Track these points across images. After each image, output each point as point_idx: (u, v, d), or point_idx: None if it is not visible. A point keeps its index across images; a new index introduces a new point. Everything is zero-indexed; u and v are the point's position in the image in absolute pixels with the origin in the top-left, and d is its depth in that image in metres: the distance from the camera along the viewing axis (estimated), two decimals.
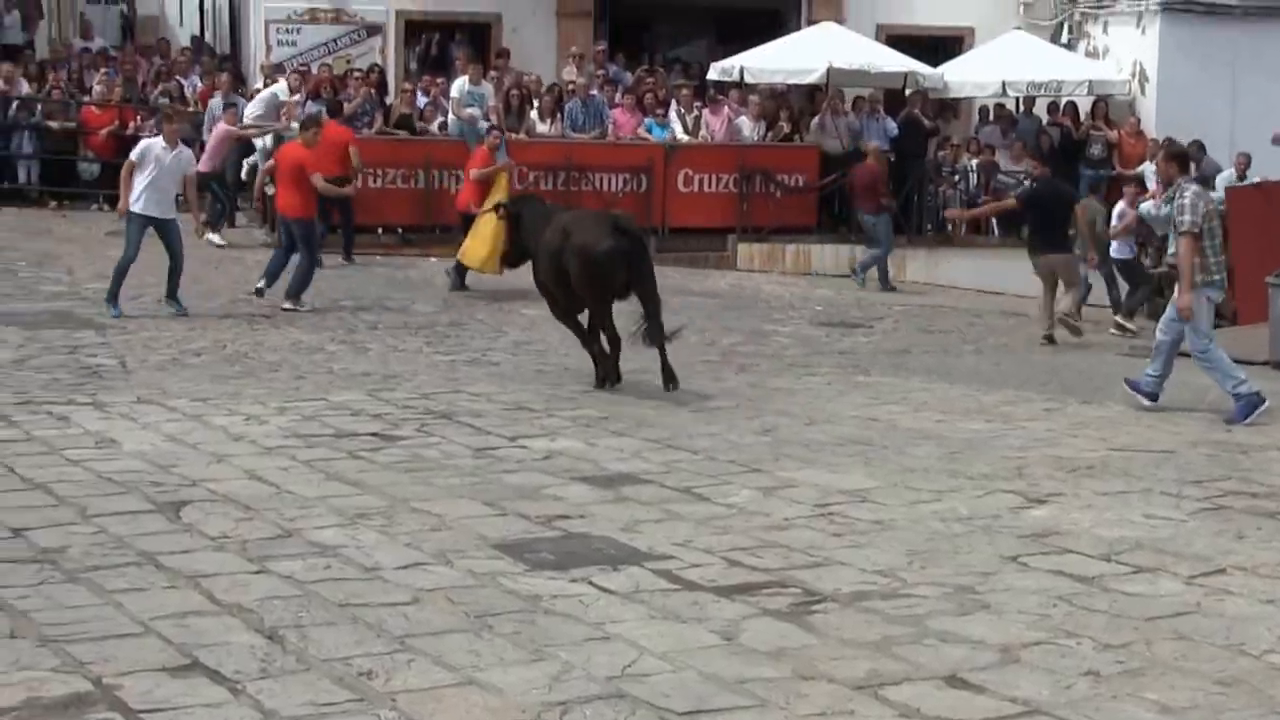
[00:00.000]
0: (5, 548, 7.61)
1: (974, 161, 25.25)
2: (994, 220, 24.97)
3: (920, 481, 9.70)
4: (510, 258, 14.39)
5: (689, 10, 29.75)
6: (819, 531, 8.39)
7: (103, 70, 25.70)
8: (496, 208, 15.00)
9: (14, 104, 24.27)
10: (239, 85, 24.79)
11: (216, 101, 23.40)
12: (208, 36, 35.68)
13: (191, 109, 24.85)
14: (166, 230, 16.02)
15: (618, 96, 24.63)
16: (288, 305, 16.69)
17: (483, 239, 17.63)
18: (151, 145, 16.14)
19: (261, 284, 16.95)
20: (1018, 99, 26.61)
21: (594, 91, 24.40)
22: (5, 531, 7.89)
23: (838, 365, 15.11)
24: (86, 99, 24.74)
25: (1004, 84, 25.58)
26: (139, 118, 24.54)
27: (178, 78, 25.85)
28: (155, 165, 15.80)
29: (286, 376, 12.90)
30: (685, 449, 10.50)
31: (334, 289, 18.12)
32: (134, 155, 16.09)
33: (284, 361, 13.61)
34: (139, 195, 15.81)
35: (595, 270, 12.44)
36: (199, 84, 25.57)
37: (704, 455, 10.32)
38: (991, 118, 26.84)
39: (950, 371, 15.07)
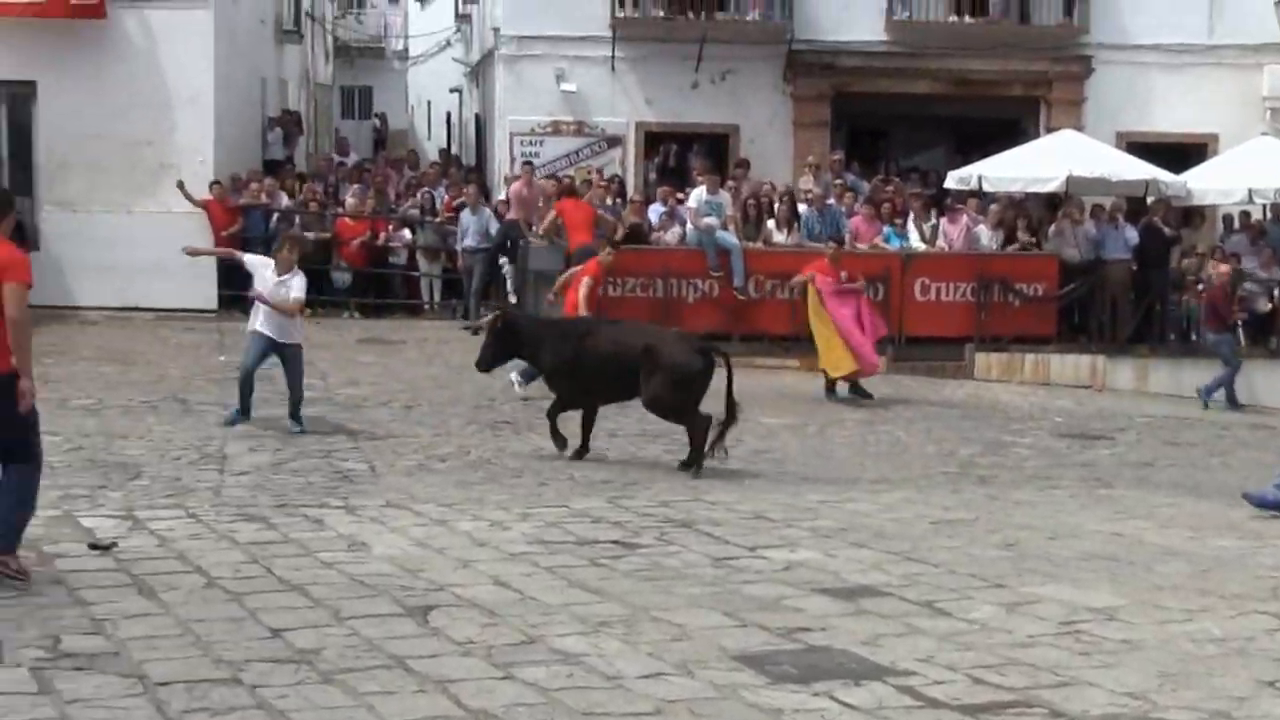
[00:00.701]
0: (265, 647, 7.89)
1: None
2: (1240, 330, 24.41)
3: (1170, 600, 9.50)
4: (486, 363, 15.09)
5: (926, 119, 29.80)
6: (1065, 650, 8.27)
7: (354, 185, 26.65)
8: (494, 320, 15.25)
9: (274, 216, 25.28)
10: (485, 196, 25.47)
11: (467, 215, 24.20)
12: (454, 149, 36.79)
13: (439, 219, 25.62)
14: (285, 356, 15.28)
15: (855, 205, 24.72)
16: (514, 376, 17.58)
17: (826, 346, 19.14)
18: (263, 269, 15.31)
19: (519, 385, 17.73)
20: (1264, 206, 26.05)
21: (830, 200, 24.52)
22: (265, 631, 8.17)
23: (1080, 478, 14.89)
24: (340, 210, 25.63)
25: (1250, 191, 25.04)
26: (390, 228, 25.37)
27: (426, 189, 26.64)
28: (260, 286, 15.19)
29: (529, 483, 13.14)
30: (925, 561, 10.43)
31: None
32: (248, 263, 15.56)
33: (526, 468, 13.86)
34: (258, 312, 15.29)
35: (690, 383, 14.13)
36: (445, 195, 26.33)
37: (944, 568, 10.24)
38: (1237, 225, 26.30)
39: (1198, 485, 14.75)
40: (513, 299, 23.03)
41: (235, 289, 24.73)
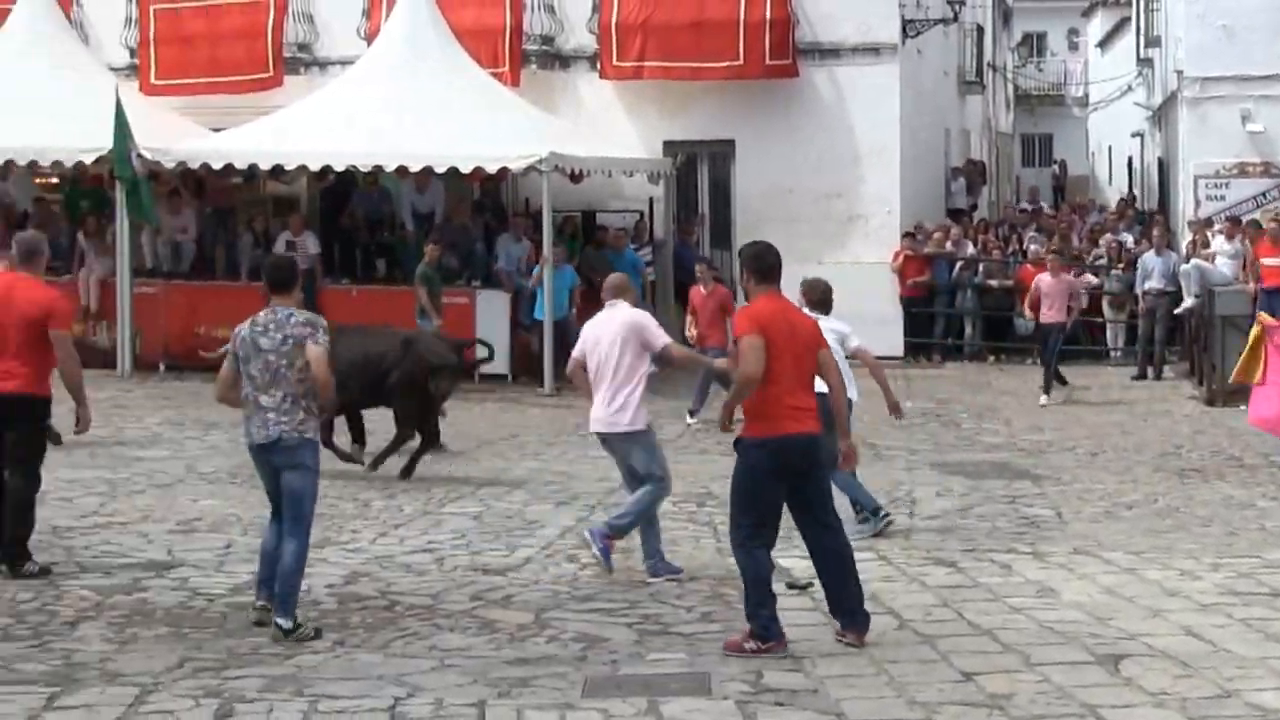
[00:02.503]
0: (958, 691, 8.17)
1: None
2: None
3: None
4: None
5: None
6: None
7: (1031, 230, 26.74)
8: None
9: (958, 265, 25.72)
10: (1168, 239, 25.03)
11: (1150, 257, 23.80)
12: (1136, 194, 36.25)
13: (1122, 266, 25.36)
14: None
15: None
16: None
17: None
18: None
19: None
20: None
21: None
22: (957, 675, 8.46)
23: None
24: (1023, 258, 25.77)
25: None
26: (1071, 274, 25.27)
27: (1109, 234, 26.42)
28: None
29: (1218, 532, 12.87)
30: None
31: (1266, 444, 17.79)
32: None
33: (1215, 516, 13.56)
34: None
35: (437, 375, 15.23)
36: (1130, 239, 26.05)
37: None
38: None
39: None
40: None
41: (919, 336, 25.43)
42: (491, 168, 22.19)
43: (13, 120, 22.77)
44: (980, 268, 25.82)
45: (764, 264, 9.30)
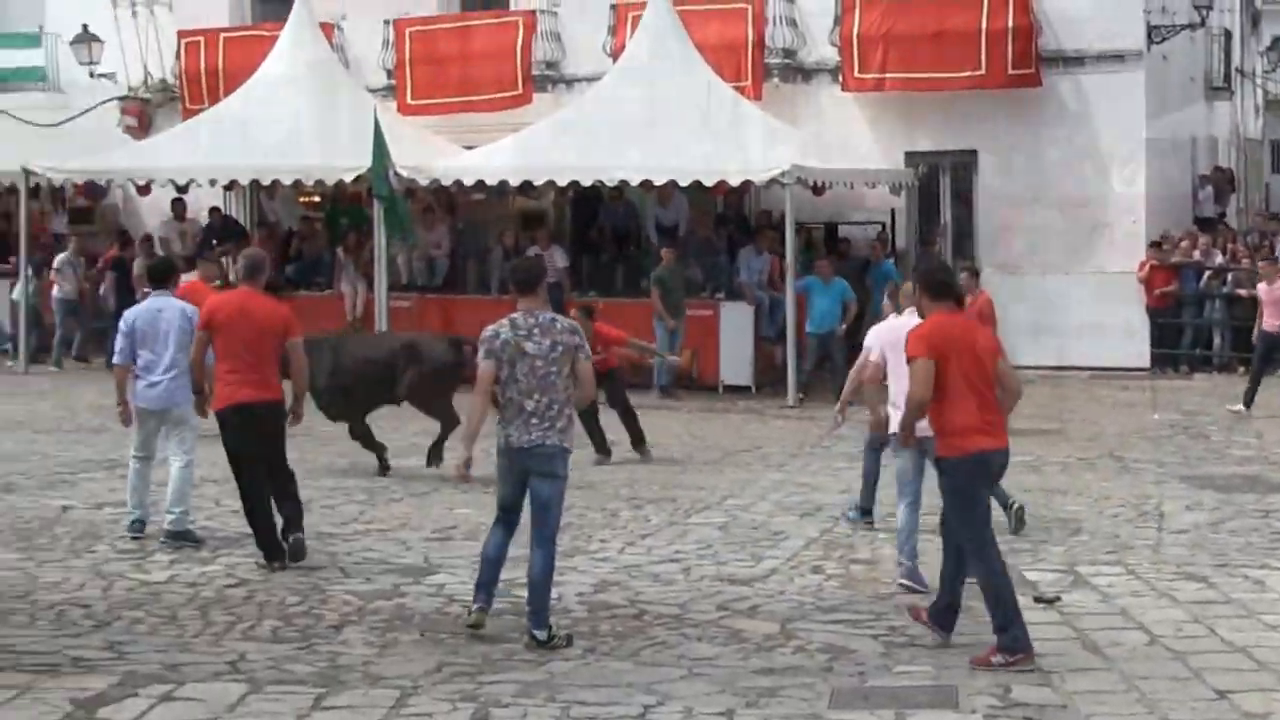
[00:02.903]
0: (1212, 709, 8.10)
1: None
2: None
3: None
4: None
5: None
6: None
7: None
8: None
9: (1206, 274, 25.21)
10: None
11: None
12: None
13: None
14: None
15: None
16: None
17: None
18: None
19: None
20: None
21: None
22: (1210, 693, 8.38)
23: None
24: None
25: None
26: None
27: None
28: None
29: None
30: None
31: None
32: None
33: None
34: None
35: (444, 375, 15.85)
36: None
37: None
38: None
39: None
40: None
41: (1167, 347, 24.95)
42: (735, 180, 22.39)
43: (279, 141, 23.71)
44: (1229, 277, 25.26)
45: (935, 281, 9.51)
